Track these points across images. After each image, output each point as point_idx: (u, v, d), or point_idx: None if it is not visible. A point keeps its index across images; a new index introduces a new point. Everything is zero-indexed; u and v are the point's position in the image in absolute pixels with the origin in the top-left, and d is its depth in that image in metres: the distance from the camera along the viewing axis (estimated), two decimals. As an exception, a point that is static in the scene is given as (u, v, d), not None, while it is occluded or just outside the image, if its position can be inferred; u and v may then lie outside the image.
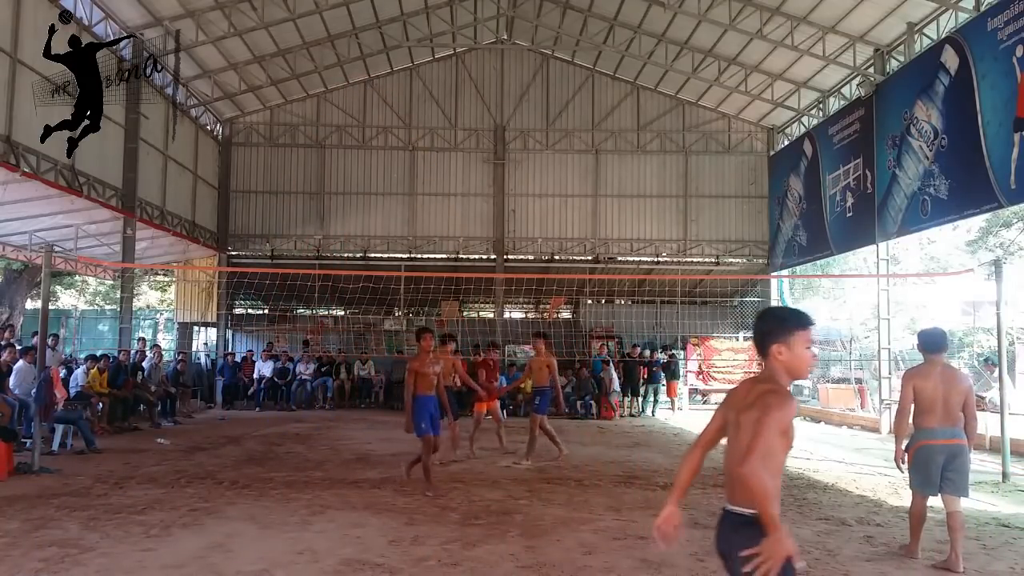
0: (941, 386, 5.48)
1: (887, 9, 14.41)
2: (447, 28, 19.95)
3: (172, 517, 6.58)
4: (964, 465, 5.45)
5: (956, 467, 5.43)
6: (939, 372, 5.56)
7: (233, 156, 21.08)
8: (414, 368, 7.84)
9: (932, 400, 5.47)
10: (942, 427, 5.45)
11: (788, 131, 20.67)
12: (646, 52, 19.15)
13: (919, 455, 5.55)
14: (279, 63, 18.86)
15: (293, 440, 12.22)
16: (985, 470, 10.07)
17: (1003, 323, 9.94)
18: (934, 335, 5.73)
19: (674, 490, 2.98)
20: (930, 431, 5.48)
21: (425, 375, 7.86)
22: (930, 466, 5.47)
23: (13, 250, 16.75)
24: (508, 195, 21.26)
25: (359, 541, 5.89)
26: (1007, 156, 11.27)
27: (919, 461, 5.55)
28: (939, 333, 5.78)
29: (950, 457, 5.43)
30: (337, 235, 21.22)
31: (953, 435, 5.45)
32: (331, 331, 21.53)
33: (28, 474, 8.55)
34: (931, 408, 5.48)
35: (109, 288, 27.59)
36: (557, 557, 5.47)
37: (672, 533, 2.87)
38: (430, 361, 7.96)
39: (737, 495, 2.68)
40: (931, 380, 5.51)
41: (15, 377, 11.13)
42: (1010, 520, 7.02)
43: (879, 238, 15.49)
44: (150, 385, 14.64)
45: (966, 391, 5.53)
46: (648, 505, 7.43)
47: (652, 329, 21.64)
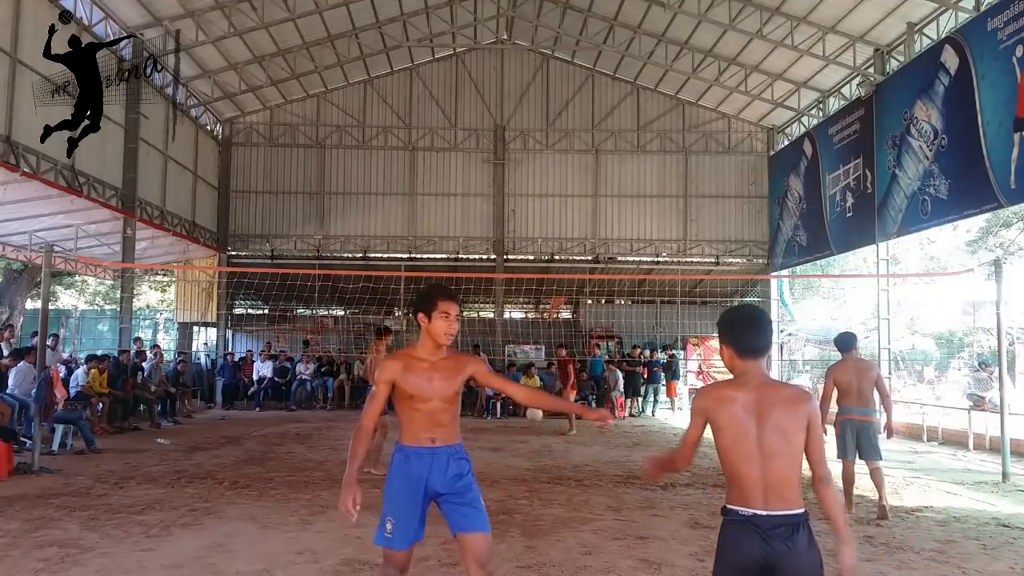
0: (855, 376, 7.05)
1: (887, 9, 14.41)
2: (447, 28, 19.95)
3: (172, 517, 6.58)
4: (873, 435, 7.03)
5: (867, 436, 7.01)
6: (852, 365, 7.14)
7: (233, 156, 21.08)
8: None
9: (848, 386, 7.04)
10: (856, 407, 7.05)
11: (788, 131, 20.67)
12: (646, 52, 19.15)
13: (841, 426, 7.16)
14: (279, 63, 18.86)
15: (293, 440, 12.22)
16: (985, 470, 10.09)
17: (1003, 323, 9.93)
18: (847, 337, 7.35)
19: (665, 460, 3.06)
20: (847, 409, 7.11)
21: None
22: (846, 435, 7.08)
23: (13, 250, 16.74)
24: (508, 195, 21.27)
25: (359, 541, 5.88)
26: (1007, 156, 11.27)
27: (840, 432, 7.16)
28: (851, 336, 7.41)
29: (860, 429, 7.03)
30: (337, 235, 21.23)
31: (864, 413, 7.05)
32: (331, 331, 21.53)
33: (28, 474, 8.54)
34: (847, 392, 7.07)
35: (109, 288, 27.58)
36: (557, 557, 5.47)
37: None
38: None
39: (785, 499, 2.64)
40: (847, 372, 7.09)
41: (15, 377, 11.12)
42: (1010, 520, 7.02)
43: (879, 238, 15.49)
44: (150, 385, 14.65)
45: (875, 377, 7.15)
46: (648, 505, 7.43)
47: (652, 329, 21.65)
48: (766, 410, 2.67)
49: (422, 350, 3.57)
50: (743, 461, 2.65)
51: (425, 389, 3.47)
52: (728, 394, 2.73)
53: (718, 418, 2.71)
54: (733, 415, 2.68)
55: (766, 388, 2.72)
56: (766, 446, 2.64)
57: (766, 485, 2.63)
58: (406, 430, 3.54)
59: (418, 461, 3.48)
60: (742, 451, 2.66)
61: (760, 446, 2.64)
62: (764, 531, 2.60)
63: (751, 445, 2.65)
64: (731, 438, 2.68)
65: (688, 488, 8.43)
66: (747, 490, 2.64)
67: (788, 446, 2.65)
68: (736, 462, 2.67)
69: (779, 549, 2.59)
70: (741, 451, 2.66)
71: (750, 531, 2.62)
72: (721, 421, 2.71)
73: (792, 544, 2.59)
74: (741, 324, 2.80)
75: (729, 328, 2.81)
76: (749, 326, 2.78)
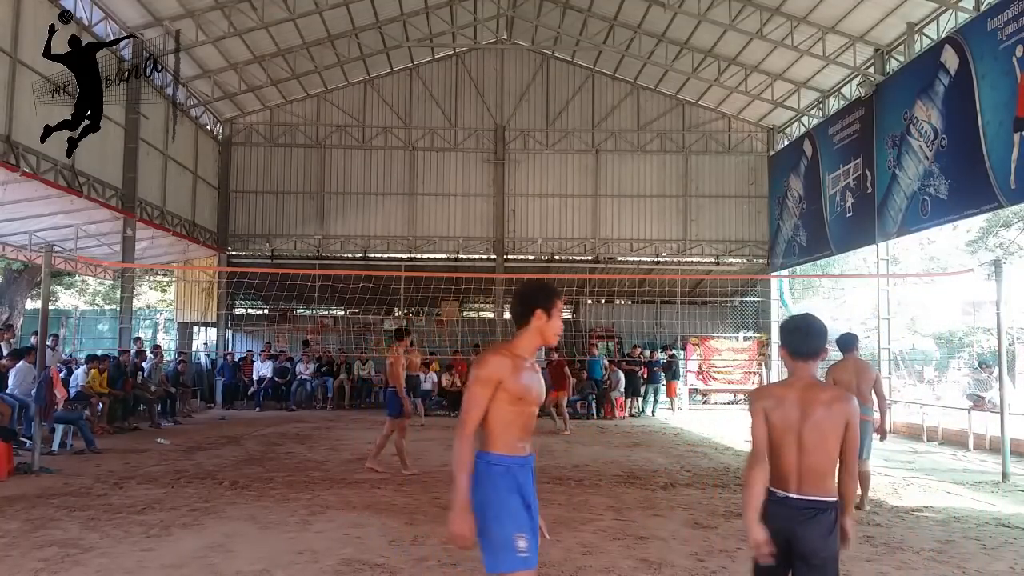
0: (854, 376, 7.12)
1: (887, 9, 14.41)
2: (447, 28, 19.95)
3: (172, 517, 6.58)
4: (865, 433, 6.94)
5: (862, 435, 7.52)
6: (852, 365, 7.22)
7: (233, 156, 21.08)
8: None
9: (848, 385, 7.00)
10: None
11: (788, 131, 20.67)
12: (646, 52, 19.15)
13: None
14: (279, 63, 18.86)
15: (293, 440, 12.22)
16: (985, 470, 10.09)
17: (1003, 323, 9.93)
18: (849, 338, 7.44)
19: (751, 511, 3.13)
20: None
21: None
22: None
23: (13, 250, 16.73)
24: (508, 195, 21.26)
25: (359, 541, 5.89)
26: (1007, 156, 11.27)
27: None
28: (852, 336, 7.49)
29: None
30: (337, 235, 21.22)
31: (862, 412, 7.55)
32: (331, 331, 21.54)
33: (28, 474, 8.55)
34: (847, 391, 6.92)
35: (109, 288, 27.58)
36: (557, 557, 5.47)
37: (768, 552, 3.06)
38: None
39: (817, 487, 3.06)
40: (847, 372, 7.16)
41: (15, 377, 11.12)
42: (1010, 520, 7.03)
43: (879, 238, 15.49)
44: (150, 385, 14.65)
45: (873, 378, 7.21)
46: (648, 505, 7.43)
47: (652, 329, 21.65)
48: (809, 409, 3.08)
49: (522, 348, 3.15)
50: (784, 452, 3.09)
51: (534, 391, 3.09)
52: (780, 394, 3.17)
53: (772, 415, 3.13)
54: (784, 413, 3.11)
55: (811, 389, 3.13)
56: (805, 441, 3.06)
57: (800, 474, 3.06)
58: (500, 438, 3.05)
59: (519, 472, 3.08)
60: (784, 444, 3.09)
61: (799, 440, 3.07)
62: (792, 511, 3.05)
63: (792, 439, 3.08)
64: (778, 433, 3.11)
65: (688, 488, 8.43)
66: (784, 476, 3.09)
67: (823, 442, 3.06)
68: (778, 453, 3.11)
69: (800, 527, 3.03)
70: (784, 444, 3.09)
71: (781, 509, 3.08)
72: (774, 418, 3.12)
73: (813, 525, 3.02)
74: (794, 330, 3.23)
75: (785, 332, 3.28)
76: (800, 332, 3.21)
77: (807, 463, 3.05)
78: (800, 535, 3.03)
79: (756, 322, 21.72)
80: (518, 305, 3.21)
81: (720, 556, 5.63)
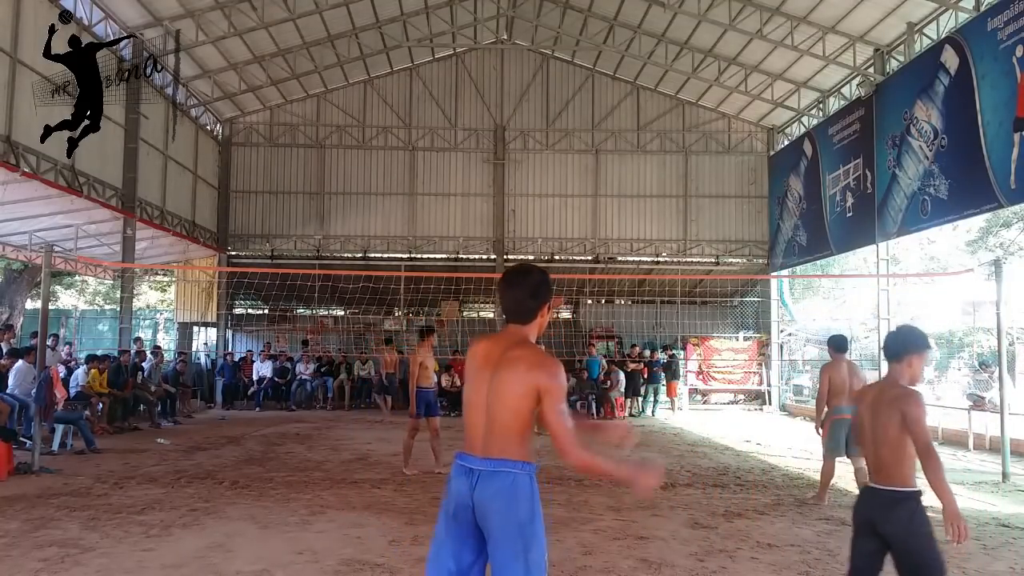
0: (848, 376, 7.37)
1: (887, 9, 14.41)
2: (447, 28, 19.94)
3: (172, 517, 6.58)
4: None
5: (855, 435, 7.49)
6: (845, 366, 7.50)
7: (233, 156, 21.08)
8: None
9: (841, 386, 7.34)
10: (848, 405, 7.14)
11: (788, 131, 20.67)
12: (646, 52, 19.14)
13: (832, 426, 7.39)
14: (279, 63, 18.86)
15: (293, 440, 12.22)
16: (985, 470, 10.09)
17: (1003, 323, 9.93)
18: (841, 339, 7.73)
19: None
20: (839, 408, 7.33)
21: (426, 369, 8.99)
22: (840, 434, 7.30)
23: (13, 250, 16.74)
24: (508, 195, 21.26)
25: (359, 541, 5.89)
26: (1007, 156, 11.27)
27: (832, 431, 7.40)
28: (844, 338, 7.84)
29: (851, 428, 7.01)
30: (337, 235, 21.22)
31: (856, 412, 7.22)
32: (331, 331, 21.53)
33: (28, 474, 8.55)
34: (840, 392, 7.36)
35: (109, 288, 27.58)
36: (557, 557, 5.46)
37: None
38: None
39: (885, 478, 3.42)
40: (840, 372, 7.42)
41: (14, 377, 11.12)
42: (1010, 520, 7.02)
43: (879, 238, 15.49)
44: (150, 385, 14.65)
45: (865, 379, 7.39)
46: (648, 505, 7.43)
47: (652, 329, 21.64)
48: (878, 407, 3.47)
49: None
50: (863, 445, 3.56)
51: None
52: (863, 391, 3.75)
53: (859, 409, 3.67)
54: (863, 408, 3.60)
55: (884, 387, 3.54)
56: (875, 435, 3.46)
57: (875, 466, 3.47)
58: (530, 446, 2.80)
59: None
60: (863, 438, 3.55)
61: (873, 435, 3.47)
62: (872, 500, 3.45)
63: (867, 434, 3.52)
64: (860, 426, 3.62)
65: (688, 488, 8.43)
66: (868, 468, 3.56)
67: (887, 436, 3.40)
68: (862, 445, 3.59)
69: (878, 514, 3.39)
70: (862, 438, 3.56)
71: (865, 498, 3.54)
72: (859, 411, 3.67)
73: (890, 513, 3.35)
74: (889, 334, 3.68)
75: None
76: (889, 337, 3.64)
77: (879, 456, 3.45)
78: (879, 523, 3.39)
79: (756, 322, 21.72)
80: (530, 299, 2.83)
81: (720, 556, 5.63)
